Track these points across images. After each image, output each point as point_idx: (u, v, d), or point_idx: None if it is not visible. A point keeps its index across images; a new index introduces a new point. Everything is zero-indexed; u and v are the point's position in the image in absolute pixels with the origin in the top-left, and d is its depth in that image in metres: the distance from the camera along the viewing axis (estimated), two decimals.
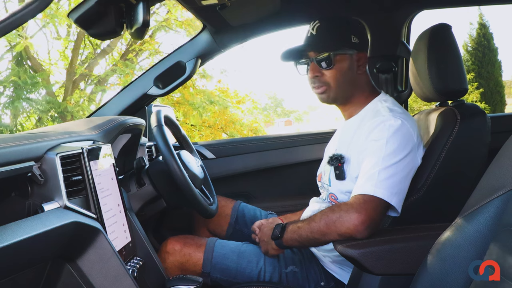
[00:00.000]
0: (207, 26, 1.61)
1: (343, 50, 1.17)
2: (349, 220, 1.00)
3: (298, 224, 1.12)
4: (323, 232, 1.05)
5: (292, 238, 1.12)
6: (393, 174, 1.04)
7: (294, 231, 1.12)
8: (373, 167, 1.05)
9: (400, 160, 1.05)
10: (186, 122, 6.32)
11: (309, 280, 1.22)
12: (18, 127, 6.20)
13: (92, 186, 0.90)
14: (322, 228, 1.05)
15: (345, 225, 1.00)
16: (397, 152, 1.05)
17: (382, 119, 1.10)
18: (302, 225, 1.10)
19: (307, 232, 1.08)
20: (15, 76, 5.54)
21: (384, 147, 1.06)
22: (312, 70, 1.19)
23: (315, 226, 1.06)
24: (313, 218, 1.08)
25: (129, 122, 1.28)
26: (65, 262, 0.80)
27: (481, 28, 9.76)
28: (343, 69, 1.18)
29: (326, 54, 1.16)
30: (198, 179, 1.35)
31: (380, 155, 1.05)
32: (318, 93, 1.22)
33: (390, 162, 1.04)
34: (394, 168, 1.04)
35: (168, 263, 1.26)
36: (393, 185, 1.03)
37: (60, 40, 6.82)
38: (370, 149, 1.08)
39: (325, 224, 1.04)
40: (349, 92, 1.22)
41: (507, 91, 10.33)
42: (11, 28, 0.66)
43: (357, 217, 0.99)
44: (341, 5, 1.73)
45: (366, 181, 1.04)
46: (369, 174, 1.04)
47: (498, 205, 0.69)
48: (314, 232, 1.06)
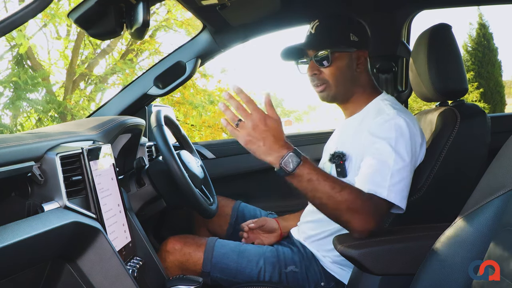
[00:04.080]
0: (207, 26, 1.61)
1: (341, 48, 1.17)
2: (361, 221, 0.95)
3: (323, 173, 0.96)
4: (336, 202, 0.94)
5: (305, 178, 0.94)
6: (403, 178, 1.03)
7: (312, 172, 0.94)
8: (385, 167, 1.02)
9: (408, 163, 1.04)
10: (186, 122, 6.32)
11: (309, 280, 1.22)
12: (18, 127, 6.20)
13: (92, 186, 0.90)
14: (338, 199, 0.93)
15: (355, 222, 0.95)
16: (405, 154, 1.04)
17: (387, 117, 1.09)
18: (324, 177, 0.95)
19: (324, 187, 0.94)
20: (15, 76, 5.54)
21: (393, 147, 1.04)
22: (311, 68, 1.20)
23: (335, 195, 0.94)
24: (339, 185, 0.95)
25: (129, 122, 1.28)
26: (65, 262, 0.80)
27: (481, 28, 9.76)
28: (342, 67, 1.18)
29: (324, 52, 1.16)
30: (198, 179, 1.35)
31: (390, 155, 1.03)
32: (318, 91, 1.22)
33: (400, 165, 1.02)
34: (404, 171, 1.03)
35: (168, 263, 1.26)
36: (403, 188, 1.02)
37: (60, 40, 6.82)
38: (377, 147, 1.05)
39: (344, 200, 0.94)
40: (349, 90, 1.22)
41: (507, 91, 10.32)
42: (11, 28, 0.66)
43: (369, 221, 0.95)
44: (341, 5, 1.73)
45: (380, 181, 1.00)
46: (381, 175, 1.01)
47: (498, 205, 0.69)
48: (329, 194, 0.94)
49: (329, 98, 1.22)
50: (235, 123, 0.95)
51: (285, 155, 0.93)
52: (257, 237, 1.42)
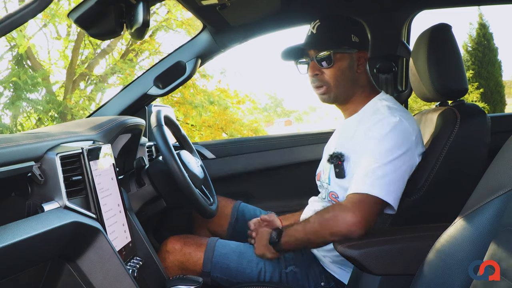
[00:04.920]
0: (207, 26, 1.61)
1: (343, 49, 1.17)
2: (343, 220, 1.01)
3: (295, 227, 1.13)
4: (317, 232, 1.06)
5: (289, 242, 1.13)
6: (389, 172, 1.04)
7: (290, 234, 1.13)
8: (369, 164, 1.05)
9: (396, 158, 1.05)
10: (186, 122, 6.32)
11: (309, 280, 1.22)
12: (18, 127, 6.20)
13: (92, 186, 0.90)
14: (317, 228, 1.06)
15: (339, 225, 1.01)
16: (393, 150, 1.05)
17: (381, 117, 1.11)
18: (298, 227, 1.12)
19: (301, 234, 1.10)
20: (15, 76, 5.54)
21: (380, 144, 1.06)
22: (312, 68, 1.19)
23: (309, 227, 1.08)
24: (308, 220, 1.10)
25: (129, 122, 1.28)
26: (65, 262, 0.80)
27: (481, 28, 9.75)
28: (343, 68, 1.18)
29: (326, 52, 1.16)
30: (198, 179, 1.35)
31: (376, 152, 1.06)
32: (319, 93, 1.22)
33: (386, 160, 1.04)
34: (390, 165, 1.04)
35: (168, 262, 1.26)
36: (389, 183, 1.03)
37: (60, 40, 6.82)
38: (367, 147, 1.09)
39: (319, 224, 1.06)
40: (349, 91, 1.22)
41: (507, 91, 10.32)
42: (11, 28, 0.66)
43: (351, 216, 1.00)
44: (341, 5, 1.73)
45: (362, 179, 1.04)
46: (365, 172, 1.05)
47: (498, 205, 0.69)
48: (308, 233, 1.08)
49: (330, 100, 1.22)
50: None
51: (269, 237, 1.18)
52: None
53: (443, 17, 15.62)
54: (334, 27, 1.19)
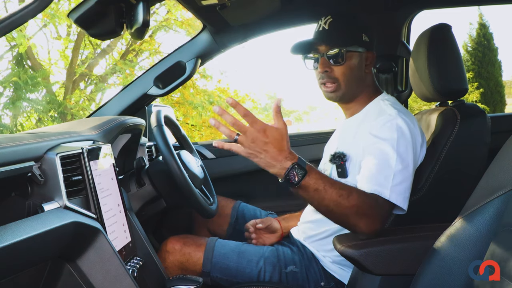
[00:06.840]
0: (207, 26, 1.61)
1: (354, 47, 1.16)
2: (368, 223, 0.95)
3: (329, 179, 0.95)
4: (345, 210, 0.93)
5: (310, 186, 0.92)
6: (405, 179, 1.02)
7: (321, 178, 0.93)
8: (387, 168, 1.01)
9: (409, 164, 1.04)
10: (186, 122, 6.32)
11: (309, 280, 1.22)
12: (18, 127, 6.20)
13: (92, 186, 0.90)
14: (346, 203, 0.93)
15: (363, 225, 0.95)
16: (407, 155, 1.04)
17: (389, 118, 1.09)
18: (333, 182, 0.95)
19: (333, 194, 0.93)
20: (15, 76, 5.54)
21: (395, 148, 1.03)
22: (322, 64, 1.17)
23: (343, 201, 0.93)
24: (346, 194, 0.94)
25: (129, 122, 1.28)
26: (65, 262, 0.80)
27: (481, 28, 9.74)
28: (353, 67, 1.17)
29: (338, 49, 1.15)
30: (198, 179, 1.35)
31: (392, 157, 1.03)
32: (327, 91, 1.20)
33: (402, 166, 1.02)
34: (405, 172, 1.03)
35: (168, 262, 1.26)
36: (405, 189, 1.02)
37: (60, 40, 6.82)
38: (379, 147, 1.05)
39: (353, 206, 0.93)
40: (356, 90, 1.21)
41: (507, 91, 10.31)
42: (11, 28, 0.66)
43: (375, 223, 0.96)
44: (341, 5, 1.73)
45: (383, 182, 1.00)
46: (384, 176, 1.01)
47: (498, 205, 0.69)
48: (338, 202, 0.93)
49: (337, 98, 1.21)
50: (234, 138, 0.90)
51: (290, 167, 0.90)
52: (260, 237, 1.42)
53: (443, 17, 15.63)
54: (346, 24, 1.18)
